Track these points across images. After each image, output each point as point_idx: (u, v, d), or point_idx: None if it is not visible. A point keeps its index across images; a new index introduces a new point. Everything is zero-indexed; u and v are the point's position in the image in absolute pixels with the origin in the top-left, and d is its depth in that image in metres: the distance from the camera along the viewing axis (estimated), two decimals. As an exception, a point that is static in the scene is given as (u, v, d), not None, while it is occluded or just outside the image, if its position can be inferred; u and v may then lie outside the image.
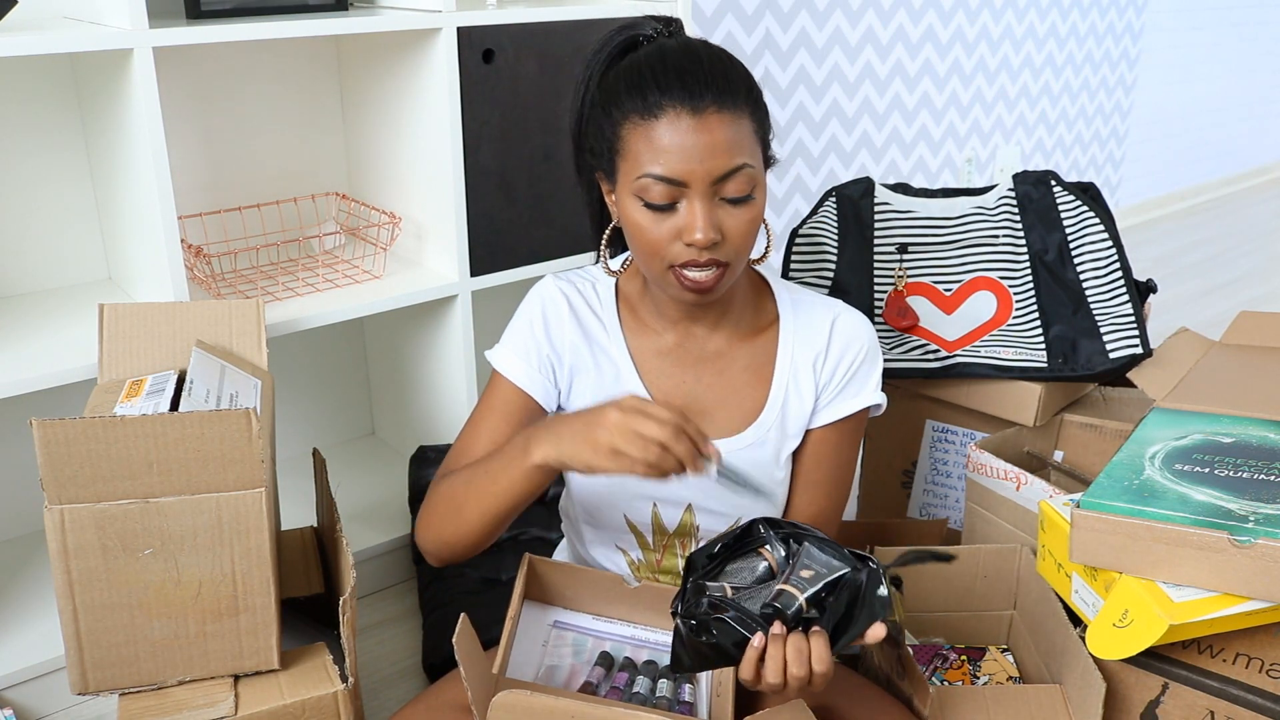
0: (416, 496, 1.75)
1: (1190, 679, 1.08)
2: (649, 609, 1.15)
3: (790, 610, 0.92)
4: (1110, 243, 1.51)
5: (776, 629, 0.92)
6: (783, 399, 1.16)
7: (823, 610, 0.93)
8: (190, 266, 1.60)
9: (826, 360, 1.16)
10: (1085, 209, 1.51)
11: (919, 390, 1.63)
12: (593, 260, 1.26)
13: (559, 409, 1.18)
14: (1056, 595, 1.22)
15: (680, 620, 0.95)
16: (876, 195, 1.59)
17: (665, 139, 1.00)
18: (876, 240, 1.58)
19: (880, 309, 1.57)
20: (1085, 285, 1.51)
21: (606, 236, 1.17)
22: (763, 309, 1.19)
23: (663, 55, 1.03)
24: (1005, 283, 1.56)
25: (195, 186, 1.75)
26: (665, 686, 1.07)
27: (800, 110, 2.75)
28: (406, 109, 1.70)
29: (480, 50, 1.61)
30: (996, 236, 1.56)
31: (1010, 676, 1.35)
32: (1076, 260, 1.52)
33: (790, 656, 0.91)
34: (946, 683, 1.34)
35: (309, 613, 1.40)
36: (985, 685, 1.33)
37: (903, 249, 1.58)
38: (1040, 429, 1.52)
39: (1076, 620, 1.18)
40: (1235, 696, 1.06)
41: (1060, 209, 1.52)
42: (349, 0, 1.61)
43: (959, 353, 1.54)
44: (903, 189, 1.62)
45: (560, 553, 1.36)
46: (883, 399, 1.19)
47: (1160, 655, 1.10)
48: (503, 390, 1.16)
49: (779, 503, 1.18)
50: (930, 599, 1.38)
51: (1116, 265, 1.50)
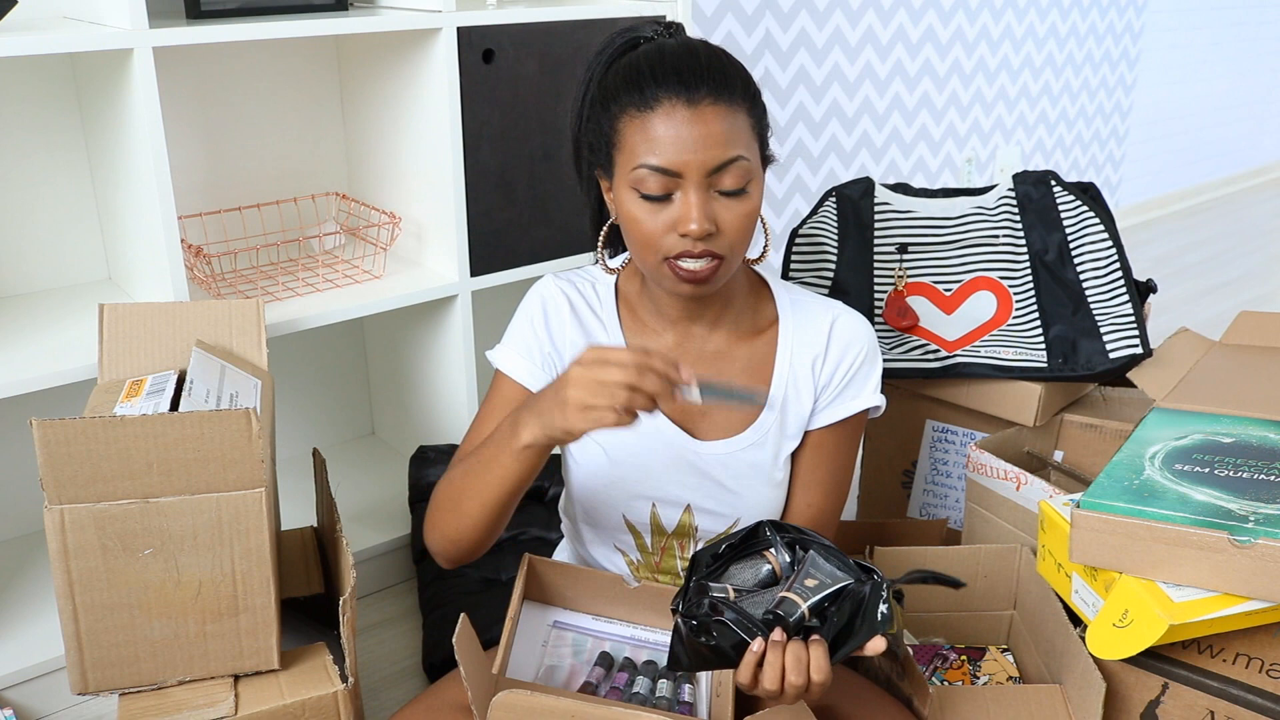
0: (416, 496, 1.75)
1: (1190, 679, 1.08)
2: (649, 609, 1.15)
3: (792, 618, 0.92)
4: (1110, 243, 1.51)
5: (777, 635, 0.91)
6: (782, 400, 1.16)
7: (824, 620, 0.93)
8: (190, 266, 1.60)
9: (825, 362, 1.16)
10: (1085, 209, 1.51)
11: (919, 390, 1.63)
12: (592, 260, 1.26)
13: None
14: (1056, 595, 1.22)
15: (680, 619, 0.95)
16: (876, 195, 1.59)
17: (660, 130, 1.00)
18: (876, 240, 1.58)
19: (880, 309, 1.57)
20: (1085, 285, 1.51)
21: (604, 234, 1.17)
22: (762, 309, 1.19)
23: (661, 52, 1.04)
24: (1005, 283, 1.55)
25: (195, 186, 1.75)
26: (665, 687, 1.07)
27: (800, 110, 2.75)
28: (406, 109, 1.70)
29: (480, 50, 1.61)
30: (996, 236, 1.56)
31: (1010, 676, 1.35)
32: (1076, 260, 1.51)
33: (789, 664, 0.90)
34: (946, 683, 1.34)
35: (309, 613, 1.40)
36: (985, 685, 1.33)
37: (903, 249, 1.58)
38: (1040, 429, 1.52)
39: (1076, 620, 1.18)
40: (1235, 696, 1.06)
41: (1060, 209, 1.52)
42: (349, 0, 1.61)
43: (959, 353, 1.54)
44: (903, 189, 1.62)
45: (560, 553, 1.36)
46: (882, 401, 1.19)
47: (1160, 655, 1.10)
48: (506, 389, 1.16)
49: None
50: (930, 599, 1.38)
51: (1116, 265, 1.50)
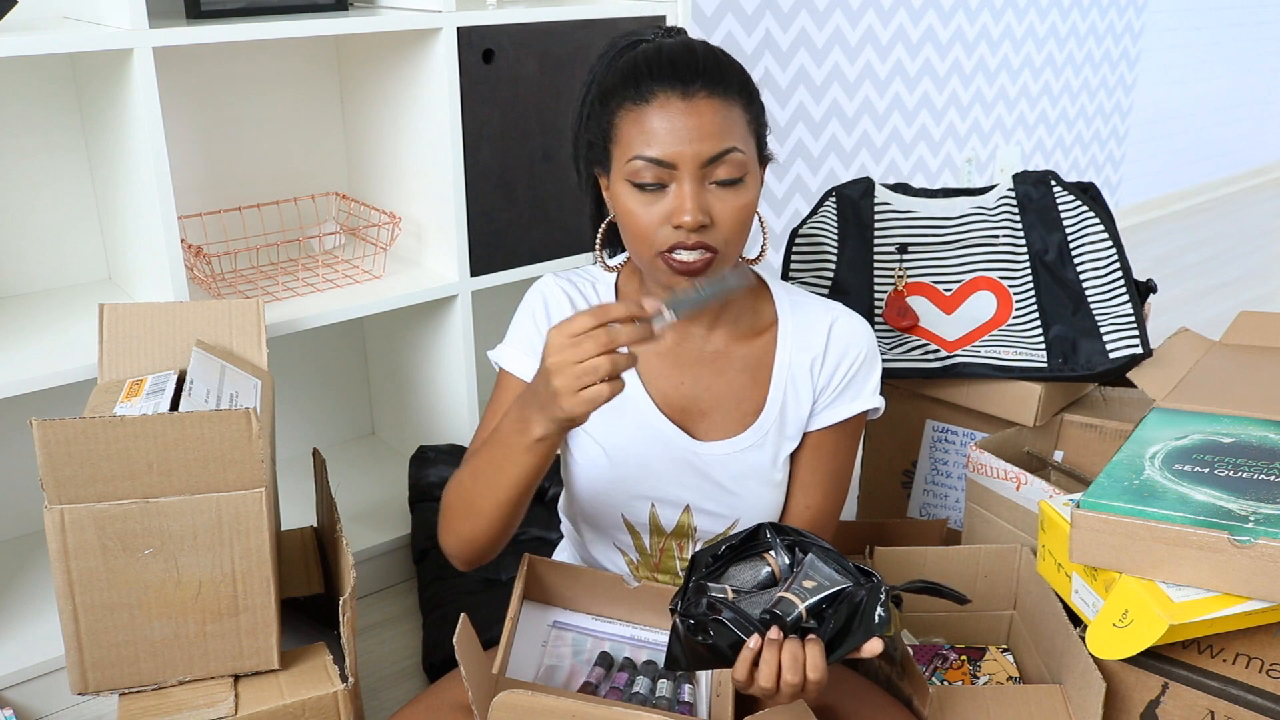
0: (416, 496, 1.75)
1: (1190, 679, 1.08)
2: (649, 609, 1.15)
3: (789, 617, 0.92)
4: (1110, 243, 1.51)
5: (774, 634, 0.91)
6: (781, 401, 1.16)
7: (822, 621, 0.93)
8: (190, 266, 1.60)
9: (824, 364, 1.16)
10: (1085, 209, 1.51)
11: (919, 390, 1.63)
12: (591, 260, 1.26)
13: None
14: (1056, 595, 1.22)
15: (679, 618, 0.95)
16: (876, 195, 1.59)
17: (655, 122, 1.01)
18: (876, 240, 1.58)
19: (880, 309, 1.57)
20: (1085, 285, 1.51)
21: (603, 231, 1.17)
22: (761, 310, 1.19)
23: (659, 50, 1.05)
24: (1005, 283, 1.55)
25: (195, 186, 1.75)
26: (665, 686, 1.07)
27: (800, 110, 2.75)
28: (406, 109, 1.70)
29: (480, 50, 1.61)
30: (996, 236, 1.56)
31: (1010, 676, 1.35)
32: (1076, 260, 1.51)
33: (785, 662, 0.90)
34: (946, 683, 1.34)
35: (309, 613, 1.40)
36: (985, 685, 1.32)
37: (903, 249, 1.58)
38: (1040, 429, 1.52)
39: (1076, 620, 1.18)
40: (1235, 696, 1.06)
41: (1060, 209, 1.52)
42: (349, 0, 1.61)
43: (959, 353, 1.54)
44: (903, 189, 1.62)
45: (560, 553, 1.36)
46: (881, 403, 1.19)
47: (1160, 655, 1.10)
48: (512, 388, 1.15)
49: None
50: (931, 600, 1.37)
51: (1116, 265, 1.50)
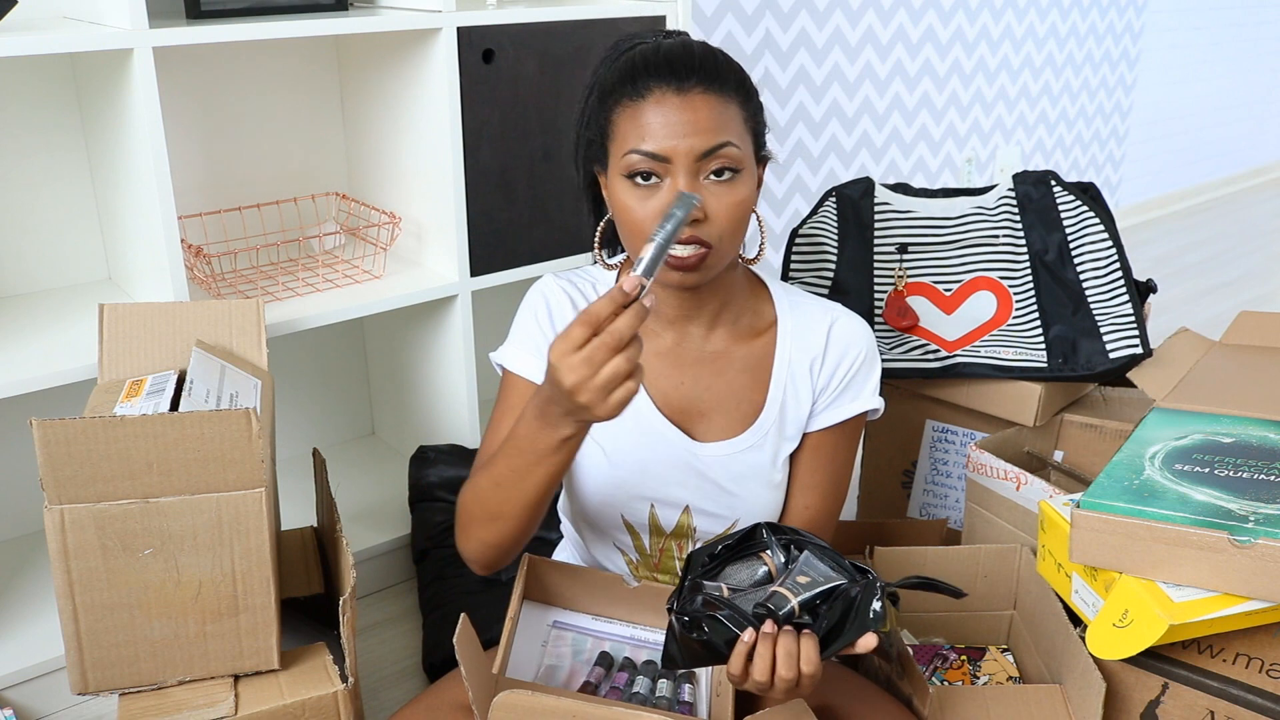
0: (417, 496, 1.75)
1: (1190, 679, 1.08)
2: (648, 609, 1.15)
3: (782, 612, 0.92)
4: (1110, 243, 1.51)
5: (768, 628, 0.92)
6: (780, 402, 1.16)
7: (816, 617, 0.93)
8: (190, 266, 1.60)
9: (824, 364, 1.16)
10: (1085, 209, 1.51)
11: (919, 390, 1.63)
12: (590, 260, 1.26)
13: None
14: (1056, 595, 1.22)
15: (674, 616, 0.95)
16: (876, 195, 1.59)
17: (650, 116, 1.02)
18: (876, 240, 1.58)
19: (880, 309, 1.57)
20: (1085, 285, 1.51)
21: (601, 230, 1.17)
22: (761, 311, 1.19)
23: (657, 49, 1.06)
24: (1005, 283, 1.55)
25: (195, 186, 1.75)
26: (665, 686, 1.07)
27: (800, 110, 2.75)
28: (406, 109, 1.70)
29: (480, 50, 1.61)
30: (996, 236, 1.56)
31: (1010, 676, 1.35)
32: (1076, 260, 1.51)
33: (779, 656, 0.91)
34: (946, 683, 1.34)
35: (309, 613, 1.40)
36: (985, 685, 1.32)
37: (903, 249, 1.58)
38: (1040, 429, 1.52)
39: (1076, 620, 1.18)
40: (1235, 696, 1.06)
41: (1060, 209, 1.52)
42: (349, 0, 1.61)
43: (959, 353, 1.54)
44: (903, 189, 1.62)
45: (560, 553, 1.36)
46: (880, 403, 1.19)
47: (1160, 655, 1.10)
48: (519, 389, 1.14)
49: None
50: (930, 600, 1.38)
51: (1116, 265, 1.50)
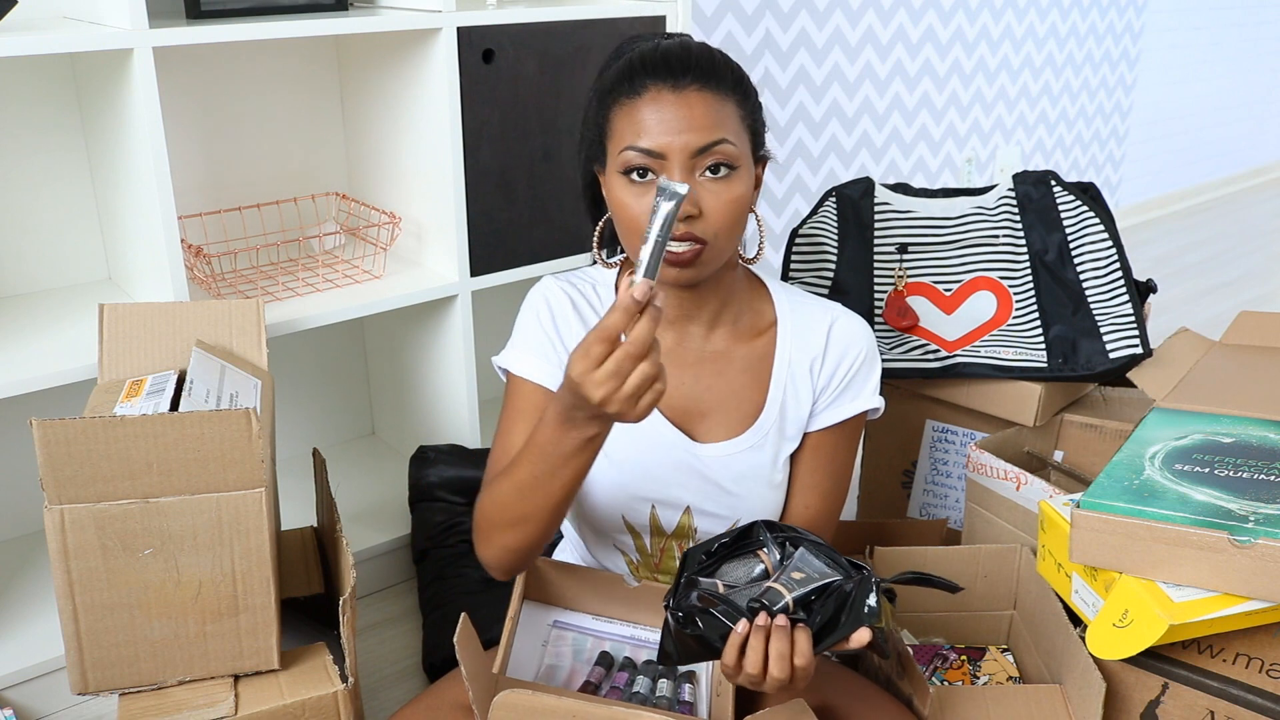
0: (417, 496, 1.75)
1: (1190, 679, 1.08)
2: (649, 609, 1.15)
3: (775, 607, 0.92)
4: (1110, 243, 1.51)
5: (761, 620, 0.92)
6: (781, 401, 1.16)
7: (810, 613, 0.93)
8: (190, 266, 1.60)
9: (824, 364, 1.16)
10: (1085, 209, 1.51)
11: (919, 390, 1.63)
12: (589, 261, 1.26)
13: None
14: (1056, 595, 1.22)
15: (669, 612, 0.95)
16: (876, 195, 1.59)
17: (646, 114, 1.03)
18: (876, 240, 1.58)
19: (880, 309, 1.57)
20: (1085, 285, 1.51)
21: (600, 229, 1.17)
22: (760, 311, 1.19)
23: (656, 48, 1.06)
24: (1005, 283, 1.55)
25: (195, 186, 1.75)
26: (665, 686, 1.07)
27: (800, 110, 2.75)
28: (406, 109, 1.70)
29: (480, 50, 1.61)
30: (996, 236, 1.56)
31: (1010, 676, 1.35)
32: (1076, 260, 1.51)
33: (771, 649, 0.91)
34: (946, 683, 1.34)
35: (309, 613, 1.40)
36: (985, 685, 1.33)
37: (903, 249, 1.58)
38: (1040, 429, 1.52)
39: (1076, 620, 1.18)
40: (1235, 696, 1.06)
41: (1060, 209, 1.52)
42: (349, 0, 1.61)
43: (959, 353, 1.54)
44: (903, 189, 1.62)
45: (560, 553, 1.36)
46: (880, 403, 1.19)
47: (1160, 655, 1.10)
48: (526, 392, 1.13)
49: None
50: (930, 599, 1.38)
51: (1116, 265, 1.50)
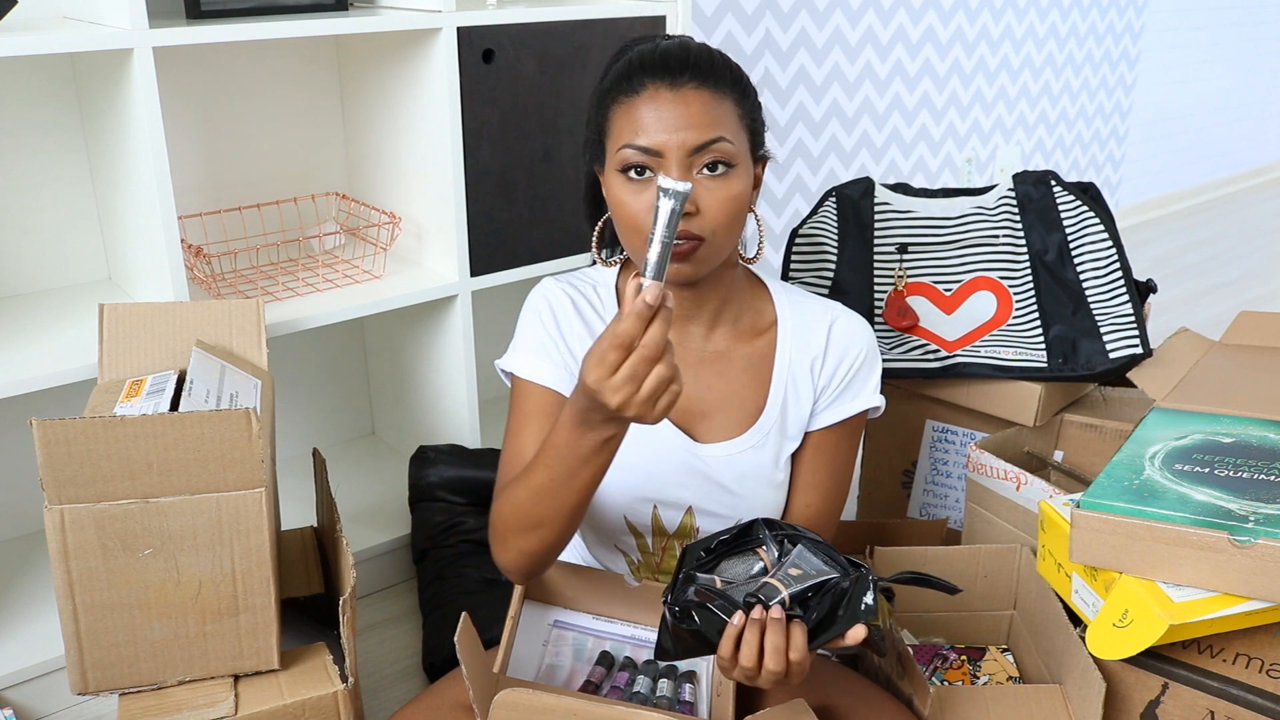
0: (417, 496, 1.75)
1: (1190, 679, 1.08)
2: (649, 609, 1.15)
3: (771, 602, 0.92)
4: (1110, 243, 1.51)
5: (756, 613, 0.92)
6: (781, 401, 1.16)
7: (807, 609, 0.93)
8: (190, 266, 1.60)
9: (825, 363, 1.16)
10: (1085, 209, 1.51)
11: (919, 390, 1.63)
12: (589, 262, 1.26)
13: None
14: (1056, 595, 1.22)
15: (667, 607, 0.95)
16: (876, 195, 1.59)
17: (643, 112, 1.03)
18: (876, 240, 1.58)
19: (880, 309, 1.57)
20: (1085, 285, 1.51)
21: (599, 229, 1.18)
22: (761, 311, 1.19)
23: (655, 48, 1.07)
24: (1005, 283, 1.55)
25: (195, 186, 1.75)
26: (666, 686, 1.07)
27: (800, 110, 2.75)
28: (406, 109, 1.70)
29: (480, 50, 1.61)
30: (996, 236, 1.56)
31: (1010, 676, 1.35)
32: (1076, 260, 1.51)
33: (767, 642, 0.91)
34: (946, 683, 1.34)
35: (309, 613, 1.40)
36: (985, 685, 1.33)
37: (903, 249, 1.58)
38: (1040, 429, 1.52)
39: (1076, 620, 1.18)
40: (1235, 696, 1.06)
41: (1060, 209, 1.52)
42: (349, 0, 1.61)
43: (959, 353, 1.54)
44: (903, 189, 1.62)
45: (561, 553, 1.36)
46: (881, 401, 1.19)
47: (1160, 655, 1.10)
48: (532, 394, 1.13)
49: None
50: (930, 599, 1.38)
51: (1116, 265, 1.50)
